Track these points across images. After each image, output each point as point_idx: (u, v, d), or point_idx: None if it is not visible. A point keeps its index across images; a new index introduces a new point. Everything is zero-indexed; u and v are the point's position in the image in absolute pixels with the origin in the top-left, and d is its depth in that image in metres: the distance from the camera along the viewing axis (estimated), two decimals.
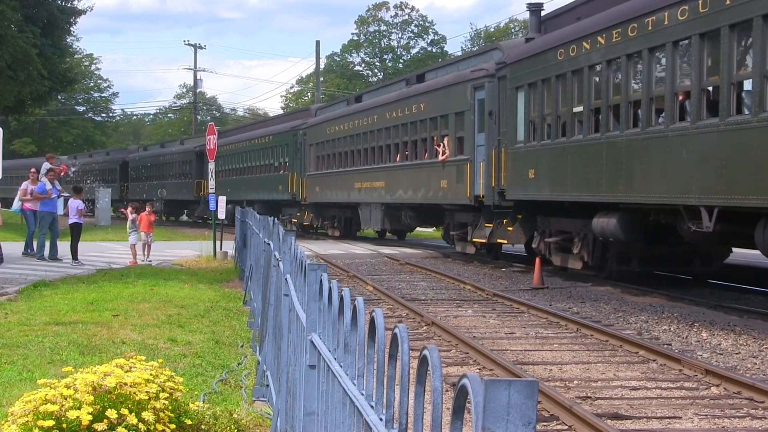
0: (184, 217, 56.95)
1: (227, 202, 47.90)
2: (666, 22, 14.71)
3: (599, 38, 16.97)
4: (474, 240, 23.91)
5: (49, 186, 22.82)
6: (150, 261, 22.42)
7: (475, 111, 22.84)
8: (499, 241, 22.62)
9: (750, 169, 12.79)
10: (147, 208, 23.82)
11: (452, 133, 24.12)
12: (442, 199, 24.98)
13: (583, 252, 18.88)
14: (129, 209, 24.36)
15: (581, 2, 19.58)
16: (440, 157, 24.49)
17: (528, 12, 22.21)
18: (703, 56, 13.87)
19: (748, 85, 12.95)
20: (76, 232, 21.99)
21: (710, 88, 14.00)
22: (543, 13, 21.75)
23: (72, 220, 22.14)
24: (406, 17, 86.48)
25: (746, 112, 12.94)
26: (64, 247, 22.21)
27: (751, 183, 12.74)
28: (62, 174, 34.11)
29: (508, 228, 21.76)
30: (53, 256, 21.71)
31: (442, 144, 24.58)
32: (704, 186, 13.83)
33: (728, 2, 13.00)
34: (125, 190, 59.32)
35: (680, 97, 14.74)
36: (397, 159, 28.06)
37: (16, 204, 22.93)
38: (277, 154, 40.19)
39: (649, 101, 15.45)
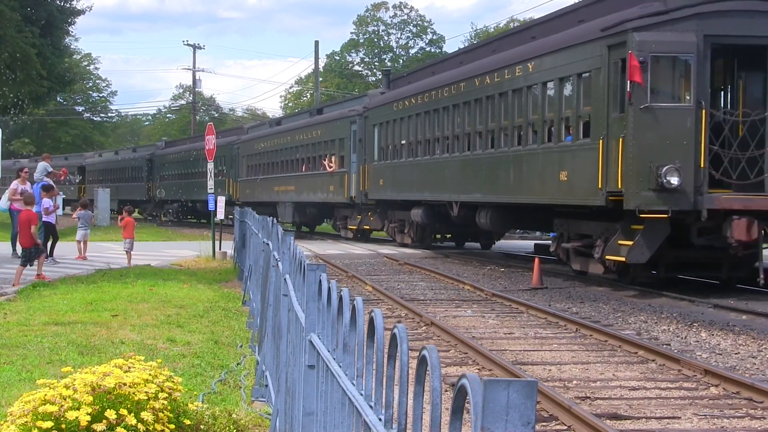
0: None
1: (177, 201, 54.03)
2: (439, 96, 25.62)
3: (413, 99, 27.73)
4: (349, 227, 34.48)
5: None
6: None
7: (351, 138, 32.84)
8: (365, 227, 33.49)
9: (471, 179, 23.44)
10: (125, 213, 23.42)
11: (337, 152, 33.99)
12: (331, 199, 34.83)
13: (410, 232, 29.69)
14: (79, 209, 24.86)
15: (412, 71, 33.51)
16: (329, 170, 34.22)
17: (381, 75, 37.32)
18: (453, 116, 24.72)
19: (471, 136, 23.60)
20: (49, 232, 21.83)
21: (458, 135, 24.38)
22: (391, 75, 35.12)
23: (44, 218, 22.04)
24: (405, 17, 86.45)
25: (470, 150, 23.52)
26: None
27: (472, 187, 23.44)
28: (62, 178, 33.98)
29: (371, 218, 32.54)
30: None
31: (331, 160, 34.30)
32: (454, 189, 24.50)
33: (463, 89, 24.01)
34: (82, 191, 67.31)
35: (448, 140, 25.08)
36: (303, 169, 37.54)
37: (5, 203, 22.71)
38: (217, 162, 50.60)
39: (433, 140, 26.11)
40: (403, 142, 28.17)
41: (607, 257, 17.23)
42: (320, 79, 63.72)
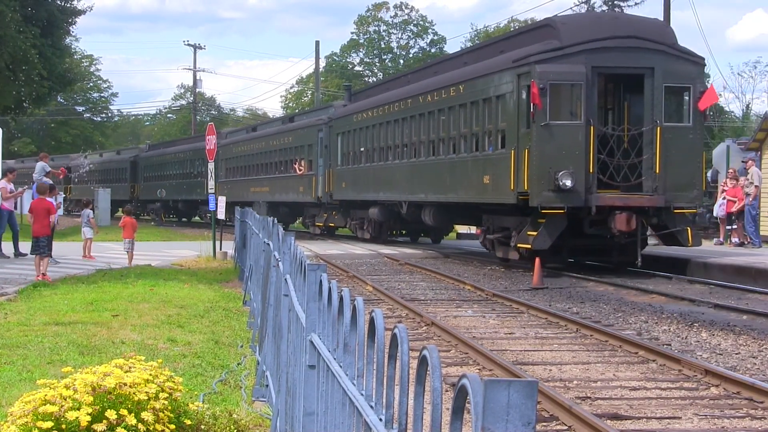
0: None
1: (162, 201, 57.21)
2: (392, 110, 29.17)
3: (370, 112, 31.27)
4: (317, 224, 38.11)
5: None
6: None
7: (318, 144, 36.26)
8: (330, 225, 37.22)
9: (417, 182, 26.94)
10: (125, 213, 23.46)
11: (306, 157, 37.44)
12: (300, 199, 38.39)
13: (369, 229, 33.08)
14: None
15: (370, 87, 39.77)
16: (299, 172, 37.60)
17: (345, 90, 43.60)
18: (402, 128, 28.21)
19: (417, 144, 27.14)
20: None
21: (407, 144, 27.92)
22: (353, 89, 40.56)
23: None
24: (406, 17, 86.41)
25: (416, 157, 27.07)
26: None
27: (418, 189, 26.98)
28: (61, 177, 33.96)
29: (335, 216, 36.30)
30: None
31: (300, 163, 37.62)
32: (403, 191, 28.05)
33: (410, 105, 27.63)
34: (69, 191, 70.31)
35: (398, 148, 28.68)
36: (276, 172, 40.96)
37: None
38: (198, 165, 51.63)
39: (386, 147, 29.59)
40: (362, 149, 31.95)
41: (518, 245, 20.81)
42: (321, 79, 63.76)
